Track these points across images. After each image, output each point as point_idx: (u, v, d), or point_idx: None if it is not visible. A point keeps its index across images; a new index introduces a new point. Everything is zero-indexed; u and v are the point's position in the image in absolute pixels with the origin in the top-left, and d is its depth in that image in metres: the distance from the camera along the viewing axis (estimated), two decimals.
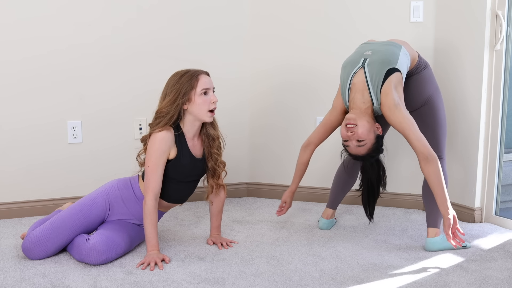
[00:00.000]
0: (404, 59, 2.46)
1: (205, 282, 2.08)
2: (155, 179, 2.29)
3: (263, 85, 3.42)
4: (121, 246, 2.29)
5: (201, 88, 2.31)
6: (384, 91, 2.37)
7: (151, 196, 2.28)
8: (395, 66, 2.40)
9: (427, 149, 2.30)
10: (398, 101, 2.37)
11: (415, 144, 2.32)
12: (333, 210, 2.83)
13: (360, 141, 2.39)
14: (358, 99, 2.43)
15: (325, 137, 2.64)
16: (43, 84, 2.96)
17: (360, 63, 2.46)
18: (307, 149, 2.66)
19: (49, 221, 2.33)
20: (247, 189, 3.52)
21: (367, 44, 2.59)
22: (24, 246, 2.28)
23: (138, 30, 3.12)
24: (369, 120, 2.41)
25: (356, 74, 2.45)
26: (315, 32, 3.28)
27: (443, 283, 2.09)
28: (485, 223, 2.92)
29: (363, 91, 2.42)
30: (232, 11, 3.33)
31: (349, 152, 2.46)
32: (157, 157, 2.28)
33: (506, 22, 2.78)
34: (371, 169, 2.51)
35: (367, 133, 2.39)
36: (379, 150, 2.48)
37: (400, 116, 2.34)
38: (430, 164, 2.29)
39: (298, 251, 2.44)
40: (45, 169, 3.01)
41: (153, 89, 3.12)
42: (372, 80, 2.40)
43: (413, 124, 2.35)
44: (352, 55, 2.56)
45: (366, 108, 2.42)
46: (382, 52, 2.45)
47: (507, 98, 2.85)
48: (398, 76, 2.40)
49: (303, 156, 2.68)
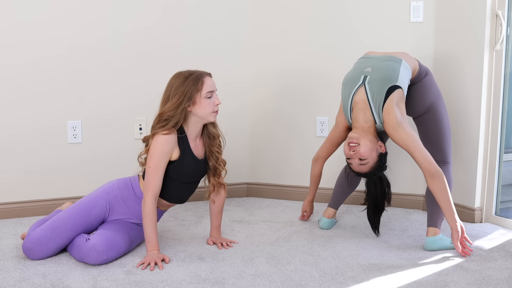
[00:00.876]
0: (405, 74, 2.47)
1: (205, 282, 2.08)
2: (156, 180, 2.29)
3: (263, 89, 3.42)
4: (121, 246, 2.29)
5: (206, 91, 2.31)
6: (386, 110, 2.39)
7: (150, 197, 2.28)
8: (396, 83, 2.41)
9: (432, 166, 2.34)
10: (401, 118, 2.38)
11: (421, 161, 2.35)
12: (335, 210, 2.84)
13: (363, 160, 2.42)
14: (360, 118, 2.45)
15: (332, 151, 2.74)
16: (43, 84, 2.96)
17: (360, 81, 2.47)
18: (317, 163, 2.80)
19: (49, 221, 2.33)
20: (247, 189, 3.52)
21: (367, 59, 2.58)
22: (25, 246, 2.28)
23: (139, 33, 3.12)
24: (371, 139, 2.43)
25: (357, 93, 2.46)
26: (313, 37, 3.27)
27: (443, 283, 2.09)
28: (485, 223, 2.92)
29: (365, 110, 2.44)
30: (232, 18, 3.32)
31: (352, 169, 2.50)
32: (159, 159, 2.28)
33: (506, 22, 2.78)
34: (375, 186, 2.54)
35: (370, 152, 2.41)
36: (382, 168, 2.51)
37: (403, 134, 2.36)
38: (436, 180, 2.33)
39: (298, 251, 2.44)
40: (45, 169, 3.01)
41: (154, 90, 3.12)
42: (373, 99, 2.42)
43: (417, 140, 2.37)
44: (352, 71, 2.56)
45: (369, 127, 2.45)
46: (382, 69, 2.45)
47: (507, 98, 2.85)
48: (399, 93, 2.42)
49: (315, 169, 2.82)
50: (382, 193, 2.54)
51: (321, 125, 3.30)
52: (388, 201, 2.57)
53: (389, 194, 2.56)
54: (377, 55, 2.60)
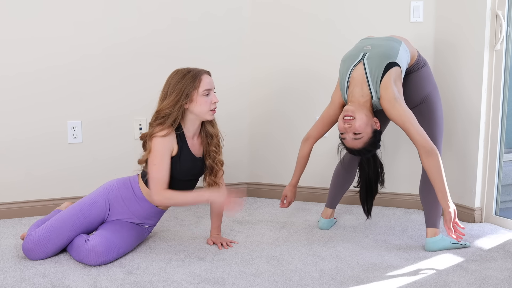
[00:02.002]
0: (404, 55, 2.46)
1: (205, 282, 2.08)
2: (163, 173, 2.31)
3: (263, 89, 3.42)
4: (121, 247, 2.29)
5: (204, 88, 2.31)
6: (383, 84, 2.37)
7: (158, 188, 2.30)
8: (395, 60, 2.40)
9: (428, 143, 2.30)
10: (398, 94, 2.36)
11: (416, 137, 2.31)
12: (332, 210, 2.83)
13: (357, 134, 2.38)
14: (357, 93, 2.42)
15: (324, 131, 2.65)
16: (43, 84, 2.96)
17: (359, 57, 2.45)
18: (306, 142, 2.68)
19: (49, 221, 2.33)
20: (247, 189, 3.52)
21: (367, 39, 2.59)
22: (25, 247, 2.28)
23: (140, 32, 3.12)
24: (367, 113, 2.39)
25: (355, 68, 2.44)
26: (314, 37, 3.28)
27: (443, 283, 2.09)
28: (485, 223, 2.92)
29: (362, 84, 2.42)
30: (232, 18, 3.33)
31: (346, 146, 2.45)
32: (162, 155, 2.30)
33: (506, 22, 2.78)
34: (368, 165, 2.51)
35: (365, 126, 2.38)
36: (376, 145, 2.46)
37: (400, 109, 2.34)
38: (432, 157, 2.29)
39: (298, 251, 2.44)
40: (45, 169, 3.01)
41: (153, 90, 3.12)
42: (371, 73, 2.39)
43: (413, 117, 2.34)
44: (352, 49, 2.56)
45: (365, 101, 2.42)
46: (382, 47, 2.45)
47: (507, 98, 2.85)
48: (397, 70, 2.40)
49: (303, 150, 2.69)
50: (375, 173, 2.51)
51: None
52: (381, 183, 2.55)
53: (382, 175, 2.54)
54: (378, 37, 2.60)
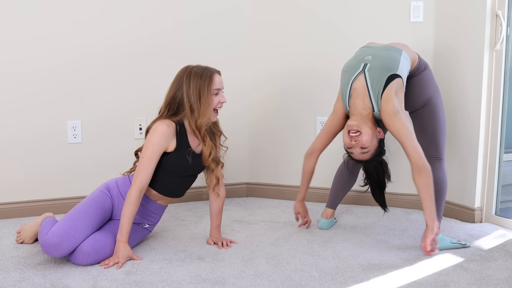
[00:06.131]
0: (405, 64, 2.47)
1: (205, 282, 2.08)
2: (146, 172, 2.30)
3: (264, 88, 3.42)
4: (112, 248, 2.28)
5: (214, 88, 2.32)
6: (385, 97, 2.38)
7: (137, 187, 2.28)
8: (396, 72, 2.41)
9: (421, 160, 2.32)
10: (398, 108, 2.37)
11: (411, 153, 2.33)
12: (333, 210, 2.83)
13: (364, 148, 2.41)
14: (359, 105, 2.44)
15: (328, 143, 2.65)
16: (43, 84, 2.96)
17: (360, 68, 2.46)
18: (311, 157, 2.66)
19: (66, 215, 2.27)
20: (247, 189, 3.52)
21: (367, 48, 2.58)
22: (51, 242, 2.14)
23: (141, 33, 3.12)
24: (371, 126, 2.42)
25: (356, 79, 2.45)
26: (315, 36, 3.28)
27: (443, 283, 2.09)
28: (485, 223, 2.92)
29: (364, 97, 2.43)
30: (232, 17, 3.33)
31: (353, 158, 2.49)
32: (153, 151, 2.29)
33: (506, 22, 2.78)
34: (376, 171, 2.55)
35: (371, 140, 2.40)
36: (382, 153, 2.51)
37: (399, 123, 2.35)
38: (423, 176, 2.32)
39: (298, 251, 2.44)
40: (45, 169, 3.01)
41: (154, 90, 3.13)
42: (373, 86, 2.41)
43: (411, 133, 2.36)
44: (352, 59, 2.56)
45: (367, 114, 2.43)
46: (383, 58, 2.45)
47: (507, 98, 2.85)
48: (399, 82, 2.41)
49: (308, 165, 2.67)
50: (382, 172, 2.57)
51: (321, 125, 3.29)
52: (388, 178, 2.59)
53: (388, 172, 2.58)
54: (378, 45, 2.60)
